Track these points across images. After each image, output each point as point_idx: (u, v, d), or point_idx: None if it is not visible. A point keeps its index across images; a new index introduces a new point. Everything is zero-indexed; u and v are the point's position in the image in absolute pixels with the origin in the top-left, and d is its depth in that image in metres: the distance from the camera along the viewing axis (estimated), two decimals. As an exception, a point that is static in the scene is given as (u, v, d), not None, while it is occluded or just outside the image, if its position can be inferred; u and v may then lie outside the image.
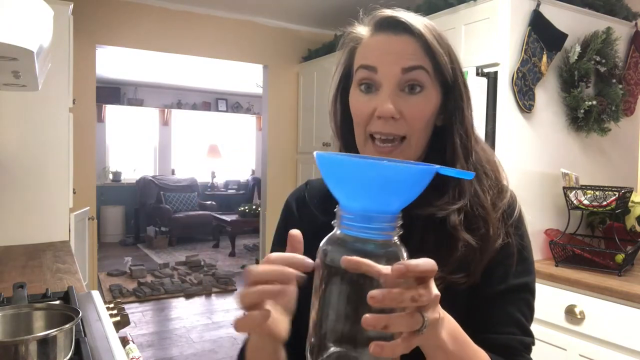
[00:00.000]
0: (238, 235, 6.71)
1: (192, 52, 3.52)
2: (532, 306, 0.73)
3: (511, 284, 0.70)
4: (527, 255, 0.73)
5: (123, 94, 7.59)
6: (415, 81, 0.67)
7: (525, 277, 0.72)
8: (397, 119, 0.67)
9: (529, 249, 0.73)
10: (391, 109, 0.66)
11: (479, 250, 0.68)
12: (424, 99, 0.67)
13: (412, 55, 0.67)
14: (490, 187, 0.72)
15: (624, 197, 1.88)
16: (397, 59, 0.67)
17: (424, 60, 0.67)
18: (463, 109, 0.70)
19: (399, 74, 0.66)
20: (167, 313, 4.27)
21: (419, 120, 0.68)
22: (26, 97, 2.17)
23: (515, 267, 0.70)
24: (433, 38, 0.67)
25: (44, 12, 0.87)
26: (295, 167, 3.95)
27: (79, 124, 2.74)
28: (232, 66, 5.20)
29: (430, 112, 0.68)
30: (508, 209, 0.72)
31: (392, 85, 0.67)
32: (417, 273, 0.43)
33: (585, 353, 1.66)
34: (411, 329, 0.43)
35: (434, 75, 0.68)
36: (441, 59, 0.67)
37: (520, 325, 0.70)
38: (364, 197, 0.45)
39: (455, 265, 0.67)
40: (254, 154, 8.80)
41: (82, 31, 2.99)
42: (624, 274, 1.74)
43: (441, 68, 0.68)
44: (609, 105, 2.14)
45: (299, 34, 3.87)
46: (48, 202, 2.26)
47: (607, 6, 2.26)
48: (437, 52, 0.67)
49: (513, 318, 0.70)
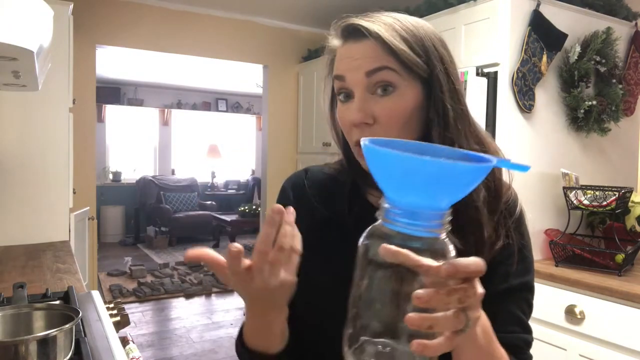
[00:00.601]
0: (238, 235, 6.71)
1: (192, 52, 3.52)
2: (532, 303, 0.74)
3: (513, 284, 0.71)
4: (527, 253, 0.73)
5: (123, 94, 7.59)
6: (384, 82, 0.65)
7: (526, 276, 0.72)
8: (372, 124, 0.66)
9: (529, 247, 0.74)
10: (358, 116, 0.65)
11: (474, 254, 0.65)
12: (397, 98, 0.65)
13: (373, 58, 0.65)
14: (487, 187, 0.69)
15: (624, 197, 1.88)
16: (359, 64, 0.66)
17: (387, 60, 0.65)
18: (443, 100, 0.66)
19: (365, 79, 0.66)
20: (167, 313, 4.27)
21: (394, 120, 0.66)
22: (26, 97, 2.17)
23: (516, 266, 0.70)
24: (394, 35, 0.65)
25: (44, 12, 0.87)
26: (295, 167, 3.95)
27: (79, 124, 2.74)
28: (232, 66, 5.20)
29: (406, 110, 0.66)
30: (509, 207, 0.71)
31: (361, 91, 0.66)
32: (466, 274, 0.42)
33: (585, 353, 1.66)
34: (456, 329, 0.43)
35: (405, 72, 0.65)
36: (405, 55, 0.65)
37: (522, 323, 0.71)
38: (414, 193, 0.43)
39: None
40: (254, 154, 8.80)
41: (82, 31, 2.99)
42: (624, 274, 1.74)
43: (409, 64, 0.65)
44: (609, 105, 2.14)
45: (299, 34, 3.87)
46: (48, 202, 2.26)
47: (607, 6, 2.26)
48: (398, 50, 0.64)
49: (515, 317, 0.71)
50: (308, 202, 0.78)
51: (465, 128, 0.68)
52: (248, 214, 6.56)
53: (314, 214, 0.77)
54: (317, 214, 0.76)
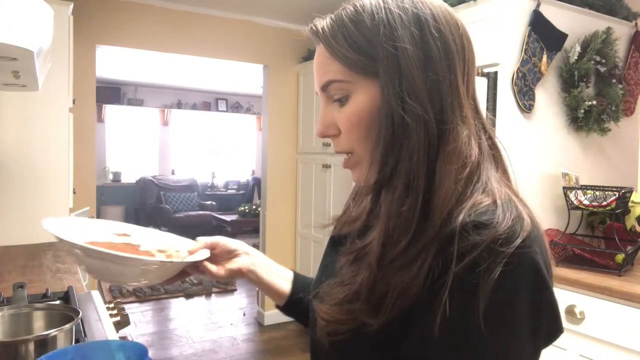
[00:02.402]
0: (238, 235, 6.71)
1: (192, 52, 3.52)
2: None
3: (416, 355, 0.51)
4: (469, 325, 0.48)
5: (123, 94, 7.59)
6: (336, 94, 0.61)
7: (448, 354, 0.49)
8: (338, 134, 0.63)
9: (478, 317, 0.48)
10: (320, 129, 0.64)
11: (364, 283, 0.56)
12: (352, 106, 0.60)
13: (320, 68, 0.62)
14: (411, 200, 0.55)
15: (624, 197, 1.88)
16: (316, 77, 0.63)
17: (331, 66, 0.59)
18: (388, 102, 0.56)
19: (322, 93, 0.63)
20: (167, 313, 4.27)
21: (354, 128, 0.60)
22: (26, 97, 2.17)
23: (439, 334, 0.49)
24: (335, 33, 0.59)
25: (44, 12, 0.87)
26: (295, 167, 3.95)
27: (79, 124, 2.74)
28: (232, 66, 5.20)
29: (362, 116, 0.59)
30: (461, 244, 0.50)
31: (324, 104, 0.64)
32: None
33: (585, 353, 1.66)
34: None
35: (353, 74, 0.59)
36: (345, 56, 0.58)
37: None
38: None
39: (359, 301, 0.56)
40: (254, 154, 8.80)
41: (82, 31, 2.99)
42: (624, 274, 1.74)
43: (350, 66, 0.58)
44: (609, 105, 2.14)
45: (299, 34, 3.85)
46: (48, 202, 2.26)
47: (607, 6, 2.26)
48: (336, 53, 0.59)
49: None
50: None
51: (413, 137, 0.55)
52: (248, 214, 6.57)
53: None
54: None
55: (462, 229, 0.50)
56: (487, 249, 0.48)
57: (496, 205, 0.52)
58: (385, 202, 0.58)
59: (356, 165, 0.63)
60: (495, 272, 0.48)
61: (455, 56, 0.58)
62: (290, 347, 3.48)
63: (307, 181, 3.80)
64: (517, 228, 0.50)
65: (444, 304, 0.48)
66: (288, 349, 3.45)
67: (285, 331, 3.76)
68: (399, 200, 0.55)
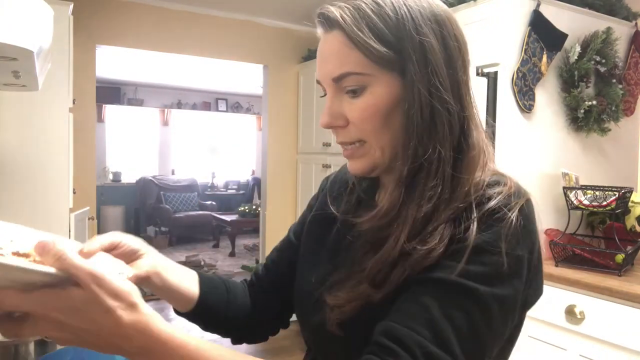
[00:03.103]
0: (238, 235, 6.71)
1: (192, 52, 3.52)
2: (473, 318, 0.52)
3: (439, 276, 0.54)
4: (493, 260, 0.54)
5: (123, 94, 7.59)
6: (350, 86, 0.60)
7: (476, 281, 0.53)
8: (344, 125, 0.62)
9: (495, 257, 0.55)
10: (325, 120, 0.63)
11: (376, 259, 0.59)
12: (369, 97, 0.59)
13: (336, 59, 0.60)
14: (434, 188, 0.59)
15: (624, 197, 1.88)
16: (327, 66, 0.62)
17: (350, 57, 0.59)
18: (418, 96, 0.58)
19: (332, 84, 0.62)
20: (167, 313, 4.26)
21: (367, 121, 0.60)
22: (26, 97, 2.17)
23: (464, 264, 0.54)
24: (359, 23, 0.58)
25: (44, 12, 0.87)
26: (295, 167, 3.95)
27: (79, 124, 2.74)
28: (232, 66, 5.20)
29: (379, 109, 0.59)
30: (480, 204, 0.58)
31: (331, 94, 0.62)
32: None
33: (585, 353, 1.66)
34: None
35: (374, 67, 0.59)
36: (370, 48, 0.58)
37: (437, 332, 0.51)
38: None
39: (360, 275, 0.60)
40: (254, 154, 8.80)
41: (82, 31, 2.99)
42: (624, 274, 1.74)
43: (374, 58, 0.58)
44: (609, 105, 2.14)
45: (299, 34, 3.87)
46: (48, 202, 2.26)
47: (607, 6, 2.25)
48: (361, 43, 0.58)
49: (427, 316, 0.52)
50: (324, 196, 0.80)
51: (443, 132, 0.59)
52: (248, 214, 6.56)
53: (324, 209, 0.77)
54: (326, 210, 0.77)
55: (478, 192, 0.59)
56: (504, 197, 0.58)
57: (500, 175, 0.63)
58: (415, 191, 0.59)
59: (364, 155, 0.63)
60: (512, 218, 0.56)
61: (465, 55, 0.64)
62: (290, 346, 3.48)
63: (307, 181, 3.79)
64: (522, 189, 0.62)
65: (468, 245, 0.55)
66: (288, 349, 3.45)
67: (285, 331, 3.73)
68: (430, 188, 0.58)
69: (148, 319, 0.45)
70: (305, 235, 0.80)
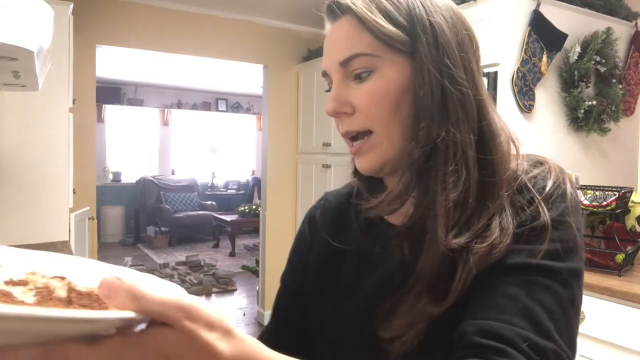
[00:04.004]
0: (238, 235, 6.71)
1: (192, 52, 3.52)
2: (562, 298, 0.51)
3: (525, 261, 0.52)
4: (564, 236, 0.54)
5: (123, 94, 7.59)
6: (358, 69, 0.58)
7: (555, 260, 0.52)
8: (351, 113, 0.60)
9: (568, 231, 0.55)
10: (331, 106, 0.60)
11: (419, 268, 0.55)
12: (377, 81, 0.58)
13: (345, 42, 0.59)
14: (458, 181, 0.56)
15: (624, 197, 1.88)
16: (334, 52, 0.60)
17: (360, 39, 0.58)
18: (428, 78, 0.56)
19: (340, 69, 0.60)
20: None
21: (375, 107, 0.58)
22: (26, 97, 2.17)
23: (540, 245, 0.53)
24: (367, 4, 0.58)
25: (44, 12, 0.87)
26: (295, 167, 3.95)
27: (79, 124, 2.74)
28: (232, 66, 5.20)
29: (388, 93, 0.57)
30: (536, 186, 0.58)
31: (338, 80, 0.60)
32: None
33: (585, 353, 1.66)
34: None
35: (384, 49, 0.57)
36: (381, 28, 0.57)
37: (533, 320, 0.48)
38: None
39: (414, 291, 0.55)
40: (254, 154, 8.80)
41: (82, 31, 2.99)
42: (624, 274, 1.74)
43: (386, 39, 0.57)
44: (609, 105, 2.14)
45: (299, 34, 3.87)
46: (48, 202, 2.26)
47: (607, 6, 2.26)
48: (372, 23, 0.57)
49: (519, 305, 0.49)
50: (321, 234, 0.73)
51: (456, 113, 0.57)
52: (248, 214, 6.56)
53: (327, 247, 0.71)
54: (330, 247, 0.70)
55: (524, 179, 0.59)
56: (555, 174, 0.60)
57: (535, 156, 0.64)
58: (430, 176, 0.56)
59: (371, 149, 0.60)
60: (570, 192, 0.59)
61: (477, 46, 0.62)
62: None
63: (307, 181, 3.80)
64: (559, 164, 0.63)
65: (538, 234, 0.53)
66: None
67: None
68: (451, 173, 0.55)
69: (249, 346, 0.36)
70: (318, 276, 0.72)
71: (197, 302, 0.34)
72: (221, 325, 0.34)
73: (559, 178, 0.59)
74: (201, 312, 0.33)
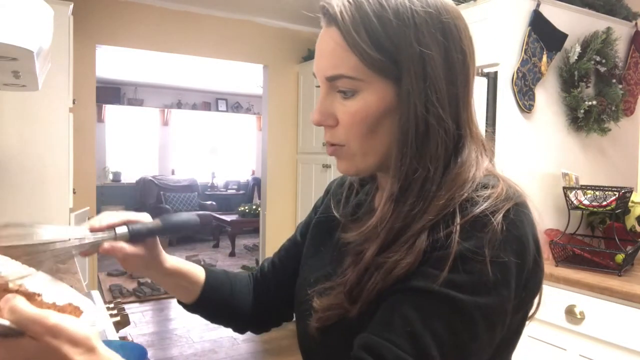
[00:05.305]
0: (238, 235, 6.71)
1: (192, 52, 3.52)
2: (457, 330, 0.50)
3: (427, 286, 0.52)
4: (474, 269, 0.51)
5: (123, 94, 7.59)
6: (343, 88, 0.58)
7: (457, 291, 0.50)
8: (334, 125, 0.61)
9: (479, 266, 0.52)
10: (316, 118, 0.61)
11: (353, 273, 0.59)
12: (360, 102, 0.58)
13: (332, 58, 0.58)
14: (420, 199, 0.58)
15: (624, 197, 1.88)
16: (321, 62, 0.60)
17: (345, 60, 0.57)
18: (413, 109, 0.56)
19: (326, 82, 0.60)
20: (167, 313, 4.27)
21: (356, 125, 0.58)
22: (26, 97, 2.17)
23: (447, 274, 0.51)
24: (357, 24, 0.56)
25: (44, 12, 0.87)
26: (295, 167, 3.95)
27: (79, 124, 2.74)
28: (232, 66, 5.20)
29: (367, 116, 0.58)
30: (463, 211, 0.55)
31: (324, 92, 0.61)
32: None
33: (585, 353, 1.66)
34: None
35: (368, 72, 0.56)
36: (365, 54, 0.55)
37: (419, 346, 0.49)
38: None
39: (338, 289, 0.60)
40: (254, 154, 8.80)
41: (82, 31, 2.99)
42: (624, 274, 1.74)
43: (368, 65, 0.56)
44: (609, 105, 2.14)
45: (299, 34, 3.87)
46: (48, 202, 2.26)
47: (607, 6, 2.26)
48: (357, 48, 0.55)
49: (408, 328, 0.50)
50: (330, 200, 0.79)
51: (436, 149, 0.57)
52: (248, 214, 6.56)
53: (329, 212, 0.77)
54: (331, 212, 0.76)
55: (459, 200, 0.56)
56: (491, 202, 0.54)
57: (493, 177, 0.60)
58: (403, 207, 0.58)
59: (345, 158, 0.63)
60: (495, 224, 0.52)
61: (469, 68, 0.60)
62: (290, 347, 3.48)
63: (307, 181, 3.80)
64: (512, 192, 0.58)
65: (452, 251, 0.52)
66: (288, 349, 3.45)
67: (285, 331, 3.75)
68: (411, 204, 0.57)
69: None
70: (309, 237, 0.80)
71: (62, 321, 0.42)
72: (85, 343, 0.42)
73: (493, 207, 0.54)
74: (64, 329, 0.41)
